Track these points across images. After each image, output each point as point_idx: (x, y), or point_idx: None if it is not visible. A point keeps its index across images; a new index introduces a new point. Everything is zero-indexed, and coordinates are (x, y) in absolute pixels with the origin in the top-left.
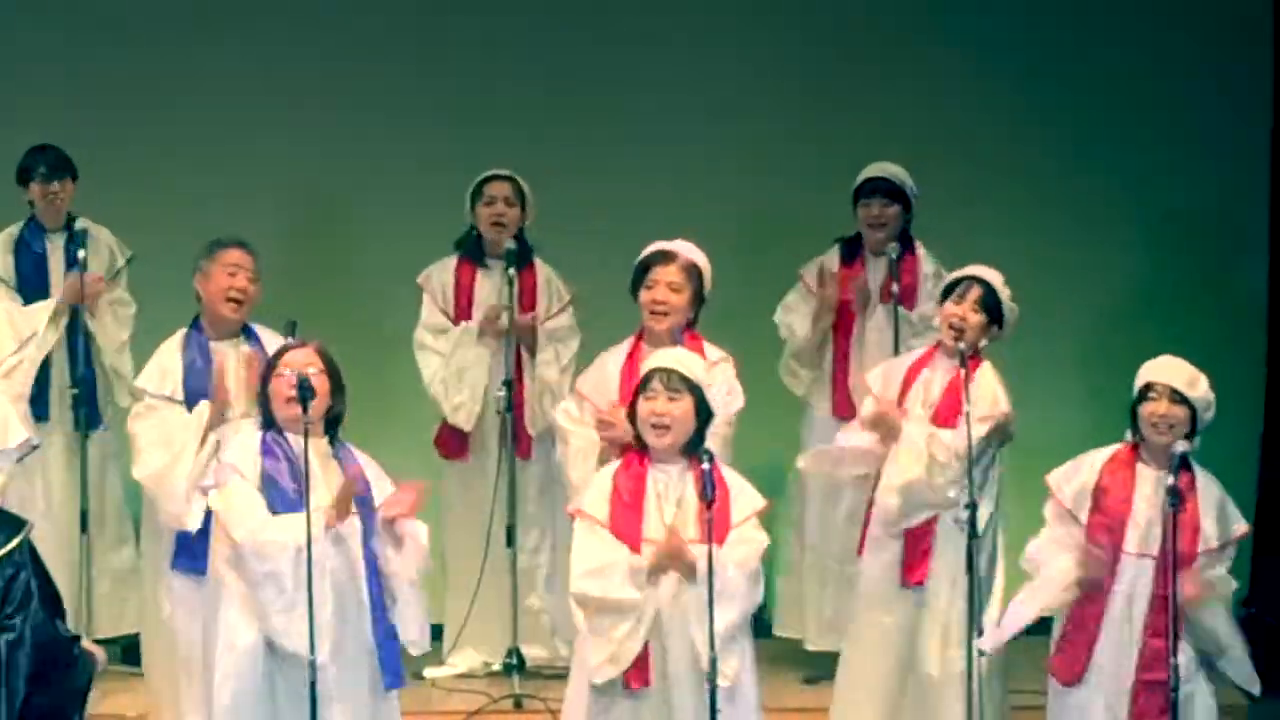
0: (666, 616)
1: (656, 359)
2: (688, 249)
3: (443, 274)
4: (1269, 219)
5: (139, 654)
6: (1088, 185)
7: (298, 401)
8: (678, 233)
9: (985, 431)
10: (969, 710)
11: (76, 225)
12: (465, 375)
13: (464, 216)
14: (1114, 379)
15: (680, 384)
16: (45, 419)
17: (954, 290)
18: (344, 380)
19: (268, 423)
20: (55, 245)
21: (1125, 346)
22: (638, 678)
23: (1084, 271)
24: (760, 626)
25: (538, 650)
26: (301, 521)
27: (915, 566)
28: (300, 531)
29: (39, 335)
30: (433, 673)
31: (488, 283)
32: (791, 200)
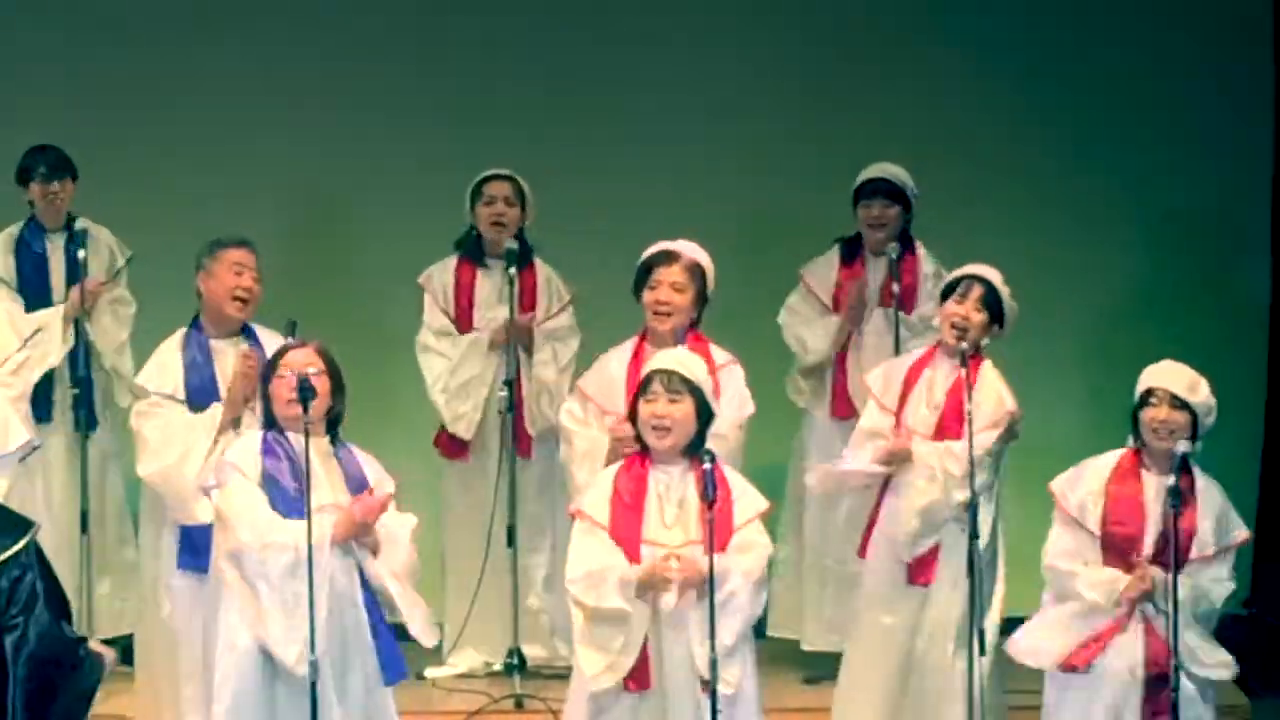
0: (667, 620)
1: (657, 361)
2: (691, 249)
3: (443, 274)
4: (1270, 219)
5: None
6: (1088, 185)
7: (298, 402)
8: (678, 233)
9: (998, 435)
10: (969, 710)
11: (77, 225)
12: (469, 387)
13: (464, 216)
14: (1114, 379)
15: (681, 385)
16: (48, 420)
17: (954, 290)
18: (345, 380)
19: (269, 422)
20: (55, 245)
21: (1125, 346)
22: (638, 682)
23: (1084, 271)
24: (756, 628)
25: (537, 650)
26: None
27: (924, 566)
28: (303, 535)
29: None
30: (433, 673)
31: (488, 283)
32: (791, 200)
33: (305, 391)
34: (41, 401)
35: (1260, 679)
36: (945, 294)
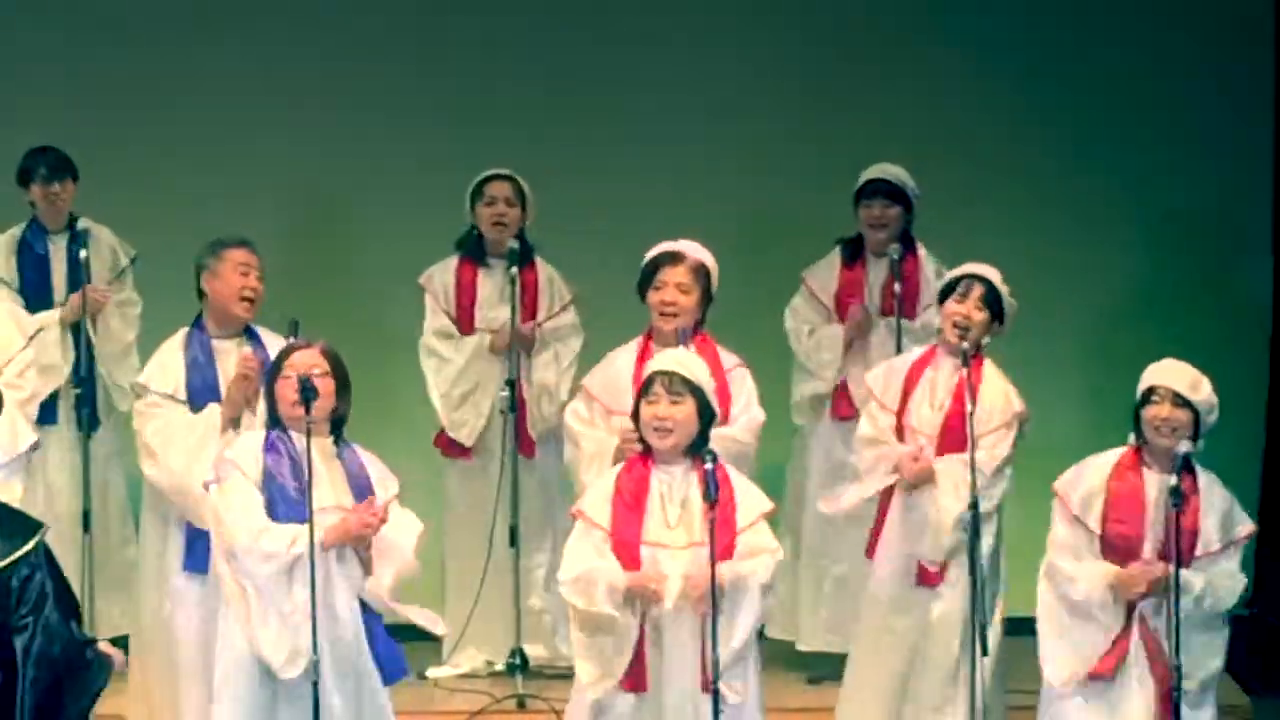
0: (668, 623)
1: (658, 362)
2: (695, 249)
3: (444, 274)
4: (1270, 219)
5: None
6: (1088, 185)
7: (301, 403)
8: (678, 233)
9: (1012, 439)
10: (970, 710)
11: (78, 226)
12: (472, 396)
13: (464, 216)
14: (1114, 379)
15: (682, 386)
16: (52, 420)
17: (953, 290)
18: (349, 379)
19: (273, 421)
20: (57, 246)
21: (1125, 346)
22: (633, 683)
23: (1084, 271)
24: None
25: (540, 650)
26: (298, 531)
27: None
28: (298, 541)
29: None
30: (435, 672)
31: (489, 282)
32: (791, 200)
33: (307, 392)
34: (45, 402)
35: (1261, 679)
36: (944, 294)
